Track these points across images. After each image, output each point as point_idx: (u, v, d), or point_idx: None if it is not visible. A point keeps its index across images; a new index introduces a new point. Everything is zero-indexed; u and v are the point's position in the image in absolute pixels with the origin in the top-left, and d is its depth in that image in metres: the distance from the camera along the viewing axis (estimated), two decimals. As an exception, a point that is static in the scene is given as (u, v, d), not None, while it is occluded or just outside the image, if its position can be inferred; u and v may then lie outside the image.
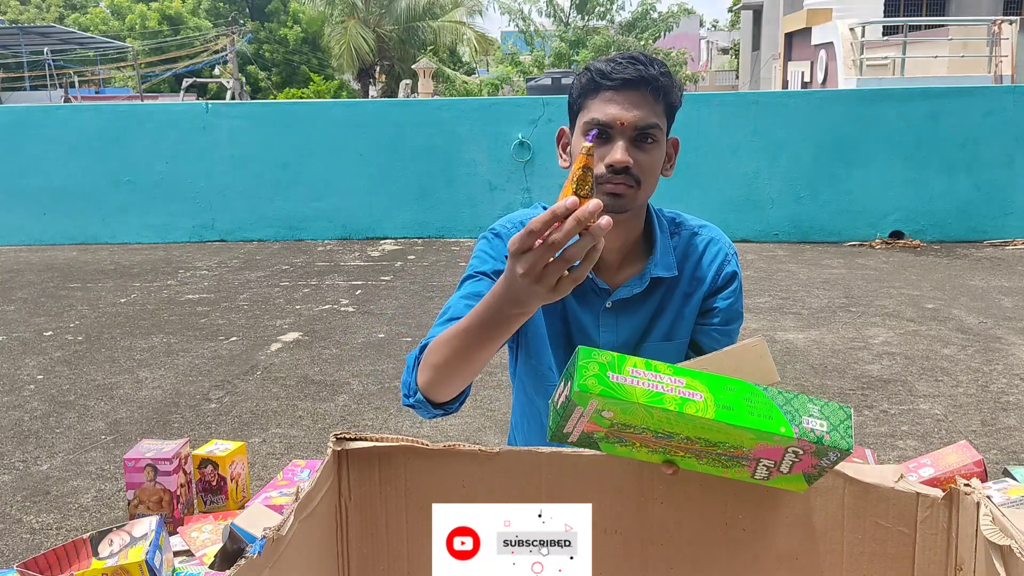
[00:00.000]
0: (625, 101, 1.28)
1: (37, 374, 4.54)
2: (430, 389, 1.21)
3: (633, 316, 1.43)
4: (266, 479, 2.98)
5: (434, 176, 8.57)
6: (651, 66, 1.29)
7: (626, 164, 1.27)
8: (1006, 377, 4.27)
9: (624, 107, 1.28)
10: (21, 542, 2.82)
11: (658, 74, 1.28)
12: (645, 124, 1.28)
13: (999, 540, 0.84)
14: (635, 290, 1.41)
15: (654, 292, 1.43)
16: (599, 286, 1.41)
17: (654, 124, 1.29)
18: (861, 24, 14.84)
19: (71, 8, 34.89)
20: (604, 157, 1.29)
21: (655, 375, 0.85)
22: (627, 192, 1.30)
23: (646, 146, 1.30)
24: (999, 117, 8.03)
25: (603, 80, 1.28)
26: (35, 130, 8.69)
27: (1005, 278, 6.61)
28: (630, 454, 0.92)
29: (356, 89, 28.71)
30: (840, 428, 0.92)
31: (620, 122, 1.27)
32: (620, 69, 1.28)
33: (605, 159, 1.28)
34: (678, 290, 1.46)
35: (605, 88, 1.28)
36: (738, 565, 1.03)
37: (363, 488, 1.03)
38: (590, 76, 1.30)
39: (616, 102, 1.28)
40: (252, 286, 6.62)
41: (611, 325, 1.43)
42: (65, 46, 28.49)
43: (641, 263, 1.43)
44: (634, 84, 1.27)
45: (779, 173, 8.23)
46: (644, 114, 1.28)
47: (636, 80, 1.27)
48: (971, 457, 1.43)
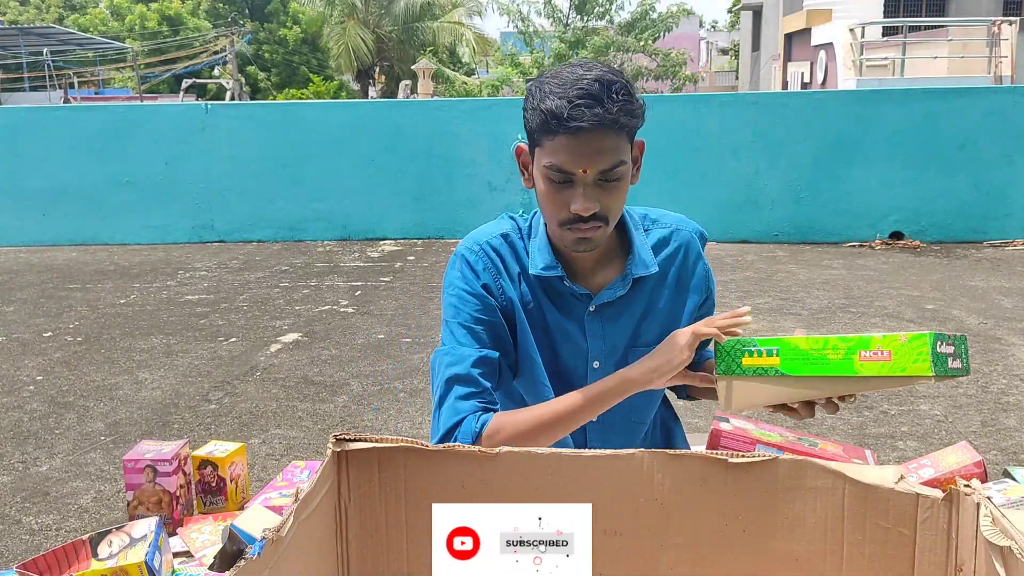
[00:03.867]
0: (585, 147, 1.20)
1: (37, 375, 4.54)
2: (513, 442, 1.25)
3: (619, 319, 1.40)
4: (266, 480, 2.98)
5: (434, 177, 8.57)
6: (609, 103, 1.18)
7: (592, 212, 1.23)
8: (1006, 378, 4.27)
9: (584, 156, 1.21)
10: (20, 543, 2.82)
11: (617, 114, 1.19)
12: (609, 167, 1.22)
13: (999, 541, 0.84)
14: (618, 292, 1.37)
15: (638, 293, 1.39)
16: (578, 292, 1.36)
17: (619, 162, 1.22)
18: (861, 24, 14.85)
19: (70, 9, 34.89)
20: (568, 202, 1.24)
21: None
22: (596, 233, 1.27)
23: (611, 185, 1.24)
24: (999, 117, 8.03)
25: (559, 127, 1.19)
26: (35, 131, 8.69)
27: (1005, 278, 6.61)
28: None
29: (356, 90, 28.72)
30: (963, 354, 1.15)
31: (582, 170, 1.21)
32: (577, 115, 1.18)
33: (570, 206, 1.24)
34: (664, 289, 1.42)
35: (561, 132, 1.20)
36: (738, 565, 1.03)
37: (363, 489, 1.03)
38: (545, 116, 1.20)
39: (575, 150, 1.20)
40: (252, 287, 6.62)
41: (597, 331, 1.39)
42: (64, 47, 28.50)
43: (619, 263, 1.39)
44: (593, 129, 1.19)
45: (779, 173, 8.23)
46: (607, 157, 1.21)
47: (595, 126, 1.18)
48: (971, 458, 1.43)
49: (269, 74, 31.82)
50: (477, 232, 1.43)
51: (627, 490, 1.03)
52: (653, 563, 1.04)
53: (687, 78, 22.99)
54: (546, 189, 1.26)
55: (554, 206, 1.26)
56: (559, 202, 1.25)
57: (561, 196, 1.24)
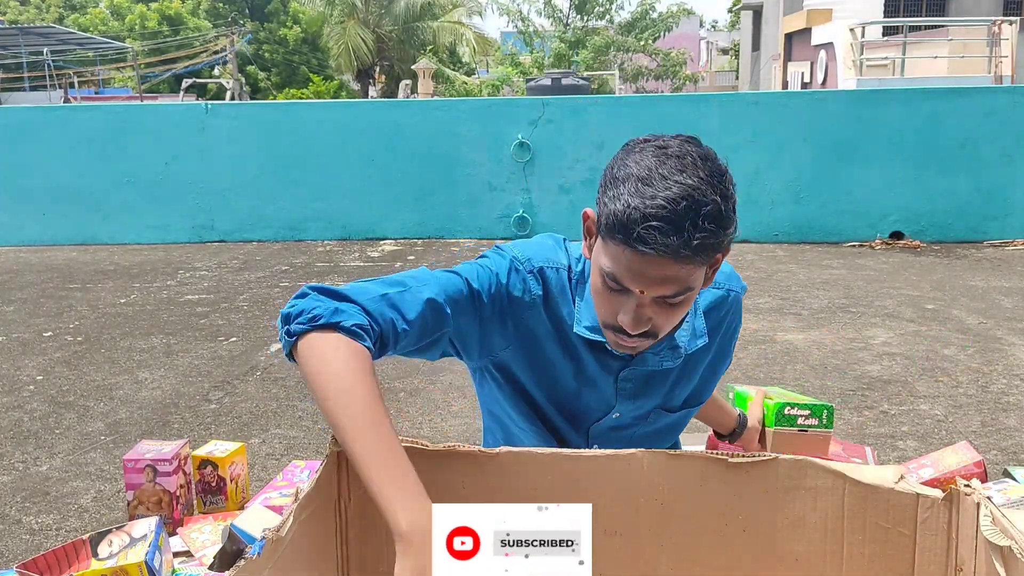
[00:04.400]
0: (648, 272, 1.04)
1: (37, 375, 4.54)
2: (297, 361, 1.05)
3: (653, 382, 1.29)
4: (266, 480, 2.97)
5: (434, 176, 8.57)
6: (689, 232, 0.99)
7: (641, 331, 1.10)
8: (1006, 378, 4.27)
9: (644, 280, 1.05)
10: (20, 543, 2.82)
11: (696, 248, 1.00)
12: (671, 294, 1.06)
13: (999, 541, 0.84)
14: (665, 364, 1.25)
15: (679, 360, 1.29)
16: (618, 355, 1.24)
17: (684, 290, 1.06)
18: (861, 24, 14.85)
19: (71, 9, 34.89)
20: (617, 310, 1.10)
21: None
22: (640, 345, 1.15)
23: (670, 308, 1.09)
24: (999, 117, 8.03)
25: (625, 240, 1.02)
26: (35, 131, 8.69)
27: (1005, 278, 6.61)
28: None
29: (356, 89, 28.72)
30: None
31: (640, 291, 1.06)
32: (647, 238, 0.99)
33: (618, 315, 1.10)
34: (705, 357, 1.33)
35: (627, 246, 1.02)
36: (738, 565, 1.03)
37: (362, 489, 1.03)
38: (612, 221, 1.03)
39: (636, 271, 1.04)
40: (252, 287, 6.62)
41: (629, 392, 1.29)
42: (64, 47, 28.49)
43: None
44: (665, 257, 1.01)
45: (779, 173, 8.23)
46: (671, 285, 1.05)
47: (664, 255, 1.01)
48: (971, 458, 1.43)
49: (269, 74, 31.82)
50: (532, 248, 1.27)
51: (627, 490, 1.03)
52: (653, 563, 1.04)
53: (687, 78, 23.01)
54: (599, 287, 1.12)
55: (602, 308, 1.13)
56: (609, 306, 1.11)
57: (612, 302, 1.10)
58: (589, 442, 1.36)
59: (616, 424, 1.34)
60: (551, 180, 8.45)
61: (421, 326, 1.12)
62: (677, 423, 1.40)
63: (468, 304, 1.18)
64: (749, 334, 5.06)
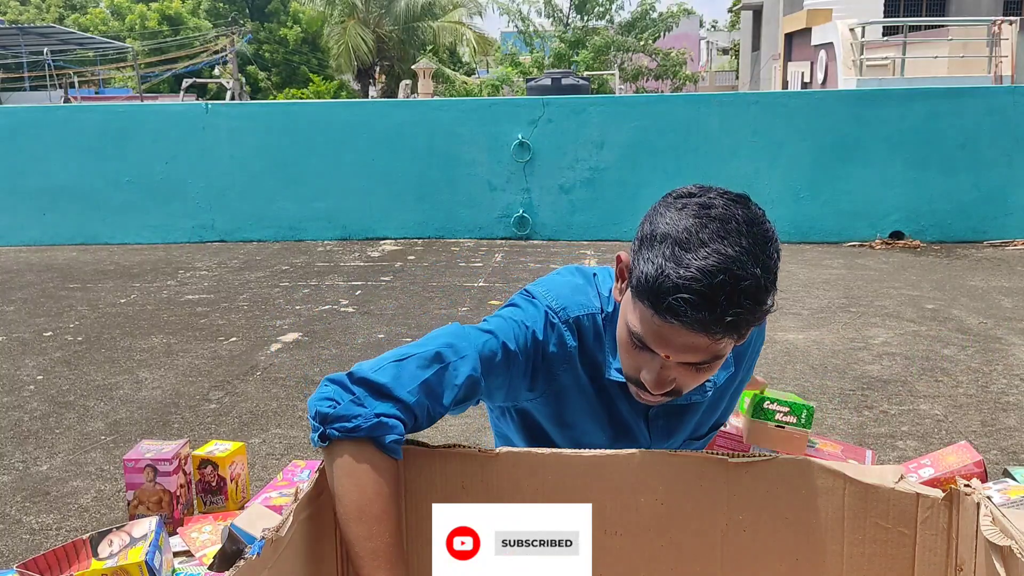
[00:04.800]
0: (675, 341, 0.99)
1: (37, 374, 4.54)
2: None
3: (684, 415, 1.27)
4: (266, 479, 2.98)
5: (434, 176, 8.57)
6: (724, 309, 0.94)
7: (664, 391, 1.07)
8: (1006, 377, 4.27)
9: (672, 347, 1.01)
10: (21, 542, 2.82)
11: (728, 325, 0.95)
12: (698, 362, 1.03)
13: (999, 540, 0.84)
14: (694, 398, 1.22)
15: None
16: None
17: (711, 359, 1.03)
18: (861, 24, 14.84)
19: (71, 8, 34.89)
20: (642, 367, 1.06)
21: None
22: (662, 401, 1.12)
23: (697, 371, 1.05)
24: (999, 117, 8.03)
25: (656, 305, 0.97)
26: (35, 130, 8.69)
27: (1005, 278, 6.61)
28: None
29: (356, 89, 28.71)
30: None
31: (665, 355, 1.02)
32: (679, 310, 0.94)
33: (641, 372, 1.07)
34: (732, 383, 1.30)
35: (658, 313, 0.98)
36: (738, 565, 1.03)
37: (363, 488, 1.02)
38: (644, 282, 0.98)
39: (663, 338, 1.00)
40: (252, 286, 6.62)
41: (661, 429, 1.26)
42: (65, 46, 28.49)
43: None
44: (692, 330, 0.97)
45: (779, 173, 8.23)
46: (700, 355, 1.01)
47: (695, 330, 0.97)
48: (971, 457, 1.43)
49: (269, 74, 31.82)
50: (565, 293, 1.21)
51: (627, 490, 1.03)
52: (653, 563, 1.04)
53: (687, 78, 22.99)
54: (625, 341, 1.08)
55: (626, 361, 1.10)
56: (633, 361, 1.08)
57: (636, 359, 1.07)
58: None
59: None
60: (551, 180, 8.45)
61: (455, 402, 1.09)
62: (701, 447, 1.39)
63: (503, 366, 1.13)
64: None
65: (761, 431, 1.54)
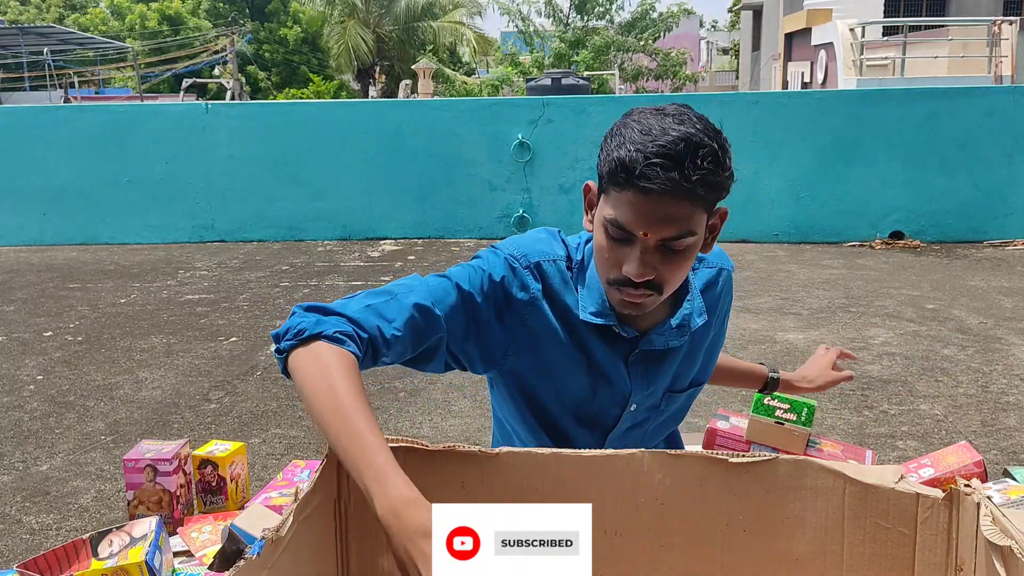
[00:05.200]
0: (651, 211, 1.07)
1: (37, 374, 4.54)
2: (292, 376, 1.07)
3: (663, 364, 1.30)
4: (266, 479, 2.98)
5: (434, 176, 8.57)
6: (690, 169, 1.04)
7: (646, 279, 1.11)
8: (1006, 377, 4.27)
9: (648, 220, 1.07)
10: (21, 542, 2.82)
11: (696, 183, 1.04)
12: (674, 235, 1.09)
13: (999, 540, 0.84)
14: (672, 343, 1.27)
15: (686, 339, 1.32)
16: (626, 336, 1.26)
17: (687, 232, 1.09)
18: (861, 24, 14.84)
19: (71, 8, 34.89)
20: (622, 261, 1.12)
21: None
22: (645, 301, 1.15)
23: (673, 255, 1.11)
24: (999, 117, 8.03)
25: (627, 182, 1.06)
26: (35, 130, 8.69)
27: (1005, 278, 6.61)
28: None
29: (356, 89, 28.72)
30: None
31: (643, 233, 1.08)
32: (649, 174, 1.04)
33: (622, 265, 1.12)
34: (707, 334, 1.35)
35: (629, 188, 1.07)
36: (738, 565, 1.03)
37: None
38: (623, 164, 1.06)
39: (639, 211, 1.07)
40: (252, 286, 6.62)
41: (640, 373, 1.29)
42: (65, 46, 28.48)
43: (668, 304, 1.27)
44: (671, 193, 1.05)
45: (779, 173, 8.23)
46: (676, 227, 1.08)
47: (666, 191, 1.05)
48: (971, 457, 1.43)
49: (269, 74, 31.82)
50: (527, 243, 1.26)
51: (627, 490, 1.03)
52: (653, 563, 1.04)
53: (687, 78, 22.99)
54: (603, 242, 1.14)
55: (607, 263, 1.15)
56: (613, 259, 1.13)
57: (616, 253, 1.13)
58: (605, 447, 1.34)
59: (632, 422, 1.35)
60: (551, 180, 8.45)
61: (412, 331, 1.13)
62: (683, 406, 1.42)
63: (460, 307, 1.18)
64: (749, 334, 5.06)
65: (761, 428, 1.55)
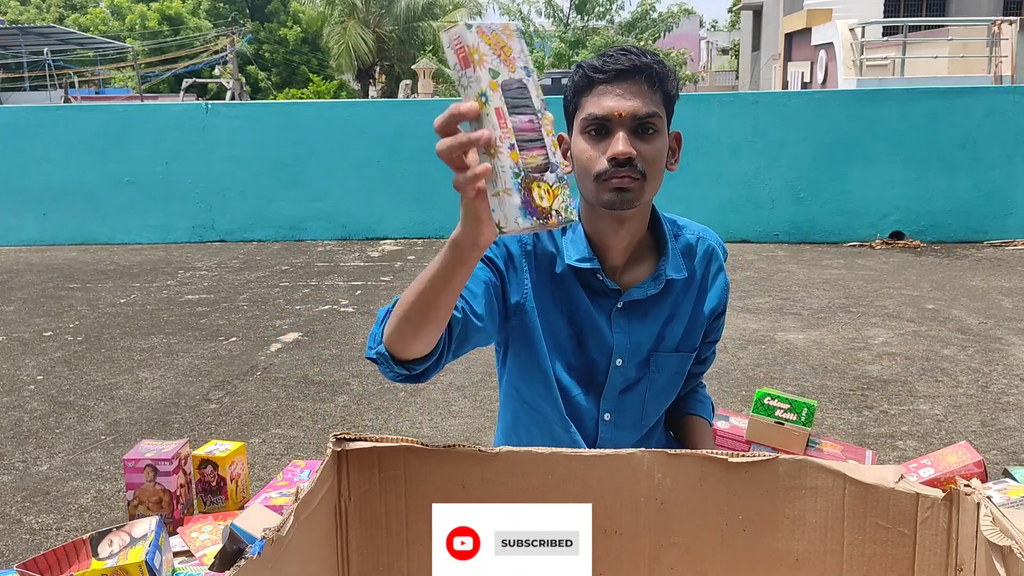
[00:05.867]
0: (621, 92, 1.26)
1: (37, 374, 4.54)
2: (394, 341, 1.15)
3: (644, 320, 1.41)
4: (266, 479, 2.98)
5: (434, 176, 8.56)
6: (644, 55, 1.27)
7: (629, 155, 1.24)
8: (1006, 378, 4.27)
9: (621, 98, 1.25)
10: (21, 542, 2.82)
11: (651, 62, 1.26)
12: (644, 113, 1.25)
13: (999, 541, 0.84)
14: (649, 291, 1.38)
15: (666, 295, 1.41)
16: (608, 286, 1.37)
17: (653, 112, 1.26)
18: (861, 24, 14.84)
19: (71, 8, 34.89)
20: (605, 151, 1.25)
21: None
22: (633, 185, 1.26)
23: (648, 136, 1.26)
24: (999, 117, 8.04)
25: (596, 74, 1.26)
26: (35, 130, 8.69)
27: (1005, 278, 6.61)
28: None
29: (356, 89, 28.71)
30: None
31: (618, 113, 1.25)
32: (612, 61, 1.26)
33: (607, 152, 1.25)
34: (688, 295, 1.44)
35: (599, 82, 1.26)
36: (738, 565, 1.03)
37: (363, 489, 1.03)
38: (583, 72, 1.28)
39: (612, 94, 1.26)
40: (252, 286, 6.62)
41: (623, 327, 1.40)
42: (65, 46, 28.49)
43: (649, 263, 1.40)
44: (628, 74, 1.25)
45: (779, 173, 8.23)
46: (642, 103, 1.25)
47: (630, 70, 1.25)
48: (971, 458, 1.43)
49: (269, 74, 31.82)
50: None
51: (627, 490, 1.03)
52: (653, 563, 1.04)
53: (687, 78, 23.00)
54: (584, 146, 1.28)
55: (592, 160, 1.27)
56: (596, 154, 1.26)
57: (598, 147, 1.26)
58: (601, 412, 1.43)
59: (624, 382, 1.42)
60: (551, 180, 8.44)
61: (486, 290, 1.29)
62: (677, 372, 1.47)
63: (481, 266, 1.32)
64: (749, 334, 5.06)
65: (761, 428, 1.56)
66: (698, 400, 1.62)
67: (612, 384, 1.42)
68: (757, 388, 1.74)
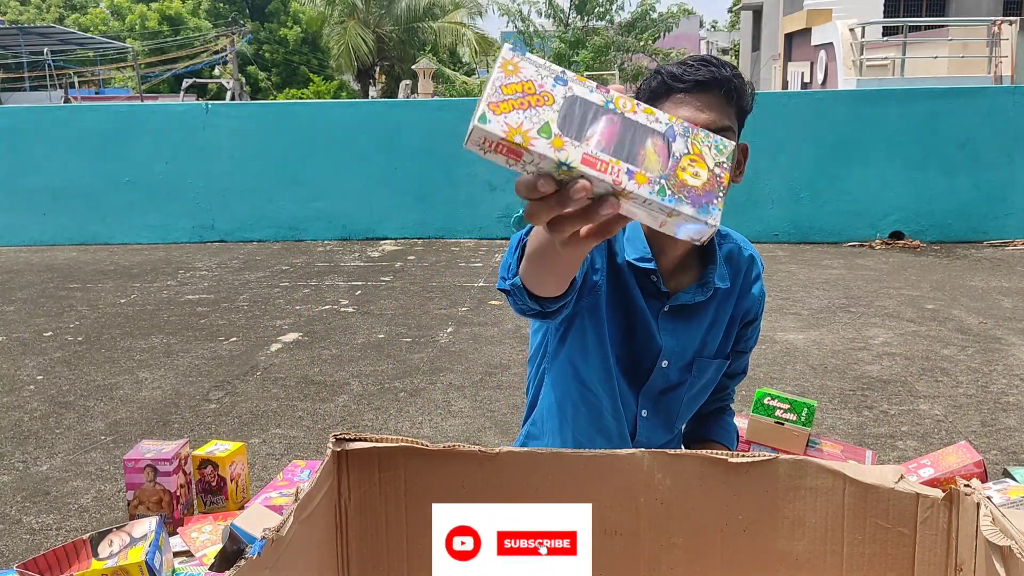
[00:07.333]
0: (697, 103, 1.24)
1: (37, 374, 4.54)
2: (527, 275, 1.10)
3: (690, 325, 1.42)
4: (266, 479, 2.98)
5: (434, 176, 8.57)
6: (724, 68, 1.25)
7: None
8: (1006, 378, 4.27)
9: (696, 109, 1.24)
10: (21, 542, 2.82)
11: (731, 76, 1.24)
12: (718, 127, 1.24)
13: (999, 541, 0.84)
14: (697, 297, 1.39)
15: (710, 303, 1.42)
16: (660, 288, 1.38)
17: (727, 127, 1.25)
18: (861, 24, 14.84)
19: (71, 8, 34.89)
20: None
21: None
22: None
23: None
24: (999, 117, 8.03)
25: (675, 83, 1.24)
26: (35, 130, 8.69)
27: (1005, 278, 6.61)
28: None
29: (356, 90, 28.71)
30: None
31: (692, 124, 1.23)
32: (692, 71, 1.24)
33: None
34: (728, 303, 1.45)
35: (677, 91, 1.24)
36: (738, 565, 1.03)
37: (363, 489, 1.03)
38: (661, 79, 1.26)
39: (689, 105, 1.24)
40: (252, 287, 6.62)
41: (669, 330, 1.41)
42: (65, 47, 28.48)
43: (694, 270, 1.41)
44: (707, 86, 1.23)
45: (779, 173, 8.23)
46: (717, 116, 1.24)
47: (709, 82, 1.23)
48: (971, 458, 1.43)
49: (269, 74, 31.81)
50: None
51: (627, 490, 1.03)
52: (653, 563, 1.04)
53: (687, 78, 22.94)
54: None
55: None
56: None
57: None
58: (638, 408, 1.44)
59: (665, 383, 1.43)
60: (551, 180, 8.45)
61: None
62: (713, 377, 1.49)
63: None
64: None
65: (761, 428, 1.56)
66: (722, 428, 1.61)
67: (653, 383, 1.44)
68: (757, 388, 1.75)
